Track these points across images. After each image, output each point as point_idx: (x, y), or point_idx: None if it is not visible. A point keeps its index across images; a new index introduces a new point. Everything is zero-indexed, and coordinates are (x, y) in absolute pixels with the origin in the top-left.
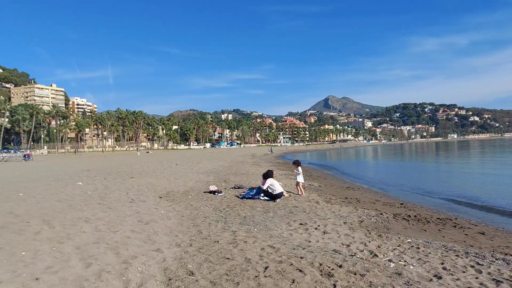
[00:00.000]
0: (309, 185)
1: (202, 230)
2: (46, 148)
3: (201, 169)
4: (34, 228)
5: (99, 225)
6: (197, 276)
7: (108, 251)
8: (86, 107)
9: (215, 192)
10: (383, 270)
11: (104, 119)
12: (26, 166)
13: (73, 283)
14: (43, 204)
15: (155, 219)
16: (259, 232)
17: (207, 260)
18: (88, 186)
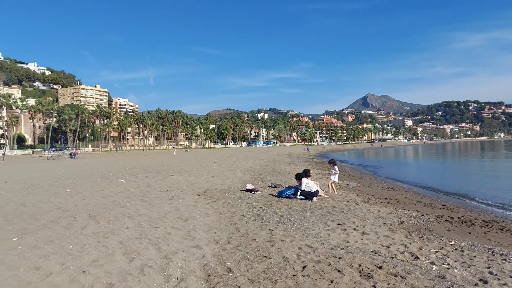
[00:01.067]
0: (347, 184)
1: (240, 228)
2: (91, 146)
3: (238, 168)
4: (81, 223)
5: (141, 221)
6: (236, 273)
7: (150, 247)
8: (128, 107)
9: (252, 190)
10: (425, 273)
11: (145, 119)
12: (72, 163)
13: (117, 277)
14: (89, 200)
15: (194, 216)
16: (296, 231)
17: (245, 257)
18: (131, 184)
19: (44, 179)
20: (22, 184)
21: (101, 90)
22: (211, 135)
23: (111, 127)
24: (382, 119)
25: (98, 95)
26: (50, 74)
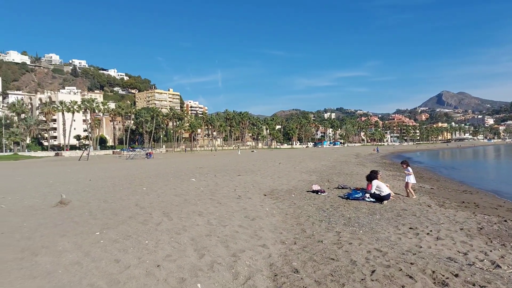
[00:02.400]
0: (419, 187)
1: (306, 229)
2: (164, 147)
3: (303, 168)
4: (156, 220)
5: (210, 219)
6: (302, 274)
7: (219, 244)
8: (198, 109)
9: (318, 191)
10: (507, 283)
11: (214, 120)
12: (148, 163)
13: (189, 272)
14: (163, 198)
15: (260, 215)
16: (365, 234)
17: (311, 259)
18: (201, 183)
19: (123, 177)
20: (104, 182)
21: (173, 93)
22: (277, 135)
23: (182, 129)
24: (459, 118)
25: (171, 98)
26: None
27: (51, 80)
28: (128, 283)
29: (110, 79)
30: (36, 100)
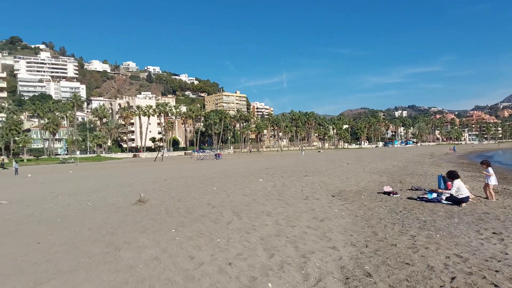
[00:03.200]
0: (503, 189)
1: (378, 231)
2: (232, 148)
3: (373, 169)
4: (226, 218)
5: (279, 219)
6: (375, 278)
7: (288, 244)
8: (264, 111)
9: (390, 193)
10: None
11: (279, 121)
12: (217, 164)
13: (260, 271)
14: (233, 197)
15: (329, 217)
16: (442, 239)
17: (384, 263)
18: (268, 183)
19: (195, 177)
20: (178, 182)
21: (240, 95)
22: (344, 135)
23: (249, 130)
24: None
25: (238, 100)
26: (198, 83)
27: (128, 86)
28: (202, 279)
29: (181, 84)
30: (115, 105)
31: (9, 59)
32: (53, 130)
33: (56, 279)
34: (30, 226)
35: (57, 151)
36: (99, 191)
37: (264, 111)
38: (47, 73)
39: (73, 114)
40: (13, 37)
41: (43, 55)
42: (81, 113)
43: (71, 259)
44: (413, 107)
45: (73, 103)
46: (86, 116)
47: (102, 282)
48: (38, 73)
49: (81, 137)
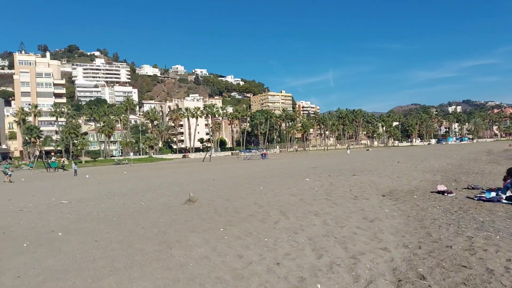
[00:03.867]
0: None
1: (432, 232)
2: (278, 147)
3: (426, 167)
4: (273, 218)
5: (327, 219)
6: (429, 281)
7: (337, 245)
8: (310, 109)
9: (444, 192)
10: None
11: (326, 119)
12: (263, 163)
13: (308, 271)
14: (279, 197)
15: (379, 217)
16: (502, 241)
17: (439, 265)
18: (315, 183)
19: (242, 177)
20: (225, 182)
21: (286, 95)
22: (394, 132)
23: (295, 129)
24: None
25: (283, 99)
26: (244, 84)
27: (177, 89)
28: (251, 278)
29: (227, 85)
30: (166, 108)
31: (68, 66)
32: (108, 133)
33: (112, 276)
34: (88, 225)
35: (112, 153)
36: (151, 191)
37: (310, 110)
38: (102, 78)
39: (126, 117)
40: (71, 45)
41: (98, 61)
42: (133, 116)
43: (126, 257)
44: (468, 101)
45: (126, 106)
46: (138, 119)
47: (155, 279)
48: (93, 79)
49: (134, 139)
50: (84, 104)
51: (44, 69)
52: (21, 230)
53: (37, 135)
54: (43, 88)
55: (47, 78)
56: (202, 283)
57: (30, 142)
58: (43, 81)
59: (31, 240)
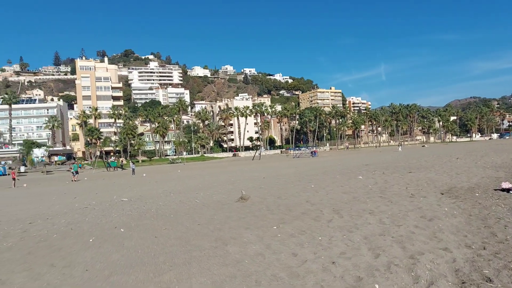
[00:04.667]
0: None
1: (497, 232)
2: (328, 145)
3: (487, 163)
4: (327, 216)
5: (382, 217)
6: (496, 284)
7: (394, 244)
8: (361, 105)
9: (509, 190)
10: None
11: (378, 115)
12: (314, 161)
13: (365, 271)
14: (332, 195)
15: (438, 216)
16: None
17: (506, 267)
18: (368, 180)
19: (292, 175)
20: (276, 180)
21: (335, 91)
22: (451, 127)
23: (345, 126)
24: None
25: (333, 96)
26: (292, 82)
27: (227, 89)
28: (306, 277)
29: (276, 83)
30: (216, 108)
31: (124, 70)
32: (163, 133)
33: (172, 271)
34: (148, 221)
35: (166, 152)
36: (205, 189)
37: (361, 106)
38: (156, 81)
39: (179, 117)
40: (127, 50)
41: (152, 64)
42: (186, 116)
43: (184, 252)
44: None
45: (178, 107)
46: (190, 119)
47: (212, 275)
48: (148, 82)
49: (187, 138)
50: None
51: (103, 74)
52: (87, 226)
53: (98, 136)
54: (102, 92)
55: (106, 82)
56: (258, 280)
57: (91, 143)
58: (102, 85)
59: (96, 235)
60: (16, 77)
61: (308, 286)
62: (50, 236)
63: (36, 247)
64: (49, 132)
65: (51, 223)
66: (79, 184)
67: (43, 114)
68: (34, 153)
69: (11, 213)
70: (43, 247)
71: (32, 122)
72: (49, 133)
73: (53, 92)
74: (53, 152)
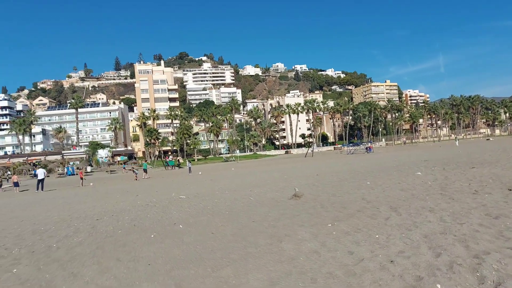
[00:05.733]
0: None
1: None
2: (384, 140)
3: None
4: (383, 214)
5: (443, 215)
6: None
7: (456, 243)
8: (418, 98)
9: None
10: None
11: (437, 108)
12: (369, 157)
13: (426, 270)
14: (388, 192)
15: (505, 213)
16: None
17: None
18: (427, 176)
19: (346, 172)
20: (330, 177)
21: (390, 84)
22: None
23: (402, 120)
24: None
25: (388, 90)
26: (345, 76)
27: (278, 86)
28: (363, 275)
29: (328, 79)
30: (267, 106)
31: (179, 72)
32: (217, 132)
33: (229, 267)
34: (205, 218)
35: (220, 151)
36: (258, 186)
37: (418, 99)
38: (209, 81)
39: (231, 116)
40: (181, 53)
41: (205, 66)
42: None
43: (240, 249)
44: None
45: (231, 107)
46: (243, 117)
47: (268, 271)
48: (202, 83)
49: (239, 137)
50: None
51: (160, 76)
52: (148, 222)
53: (156, 136)
54: (159, 94)
55: (162, 85)
56: (313, 277)
57: (150, 143)
58: (159, 87)
59: (157, 231)
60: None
61: (365, 284)
62: (115, 232)
63: (103, 242)
64: (111, 134)
65: (116, 219)
66: (140, 182)
67: (106, 117)
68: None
69: (80, 210)
70: (109, 242)
71: (97, 125)
72: (112, 135)
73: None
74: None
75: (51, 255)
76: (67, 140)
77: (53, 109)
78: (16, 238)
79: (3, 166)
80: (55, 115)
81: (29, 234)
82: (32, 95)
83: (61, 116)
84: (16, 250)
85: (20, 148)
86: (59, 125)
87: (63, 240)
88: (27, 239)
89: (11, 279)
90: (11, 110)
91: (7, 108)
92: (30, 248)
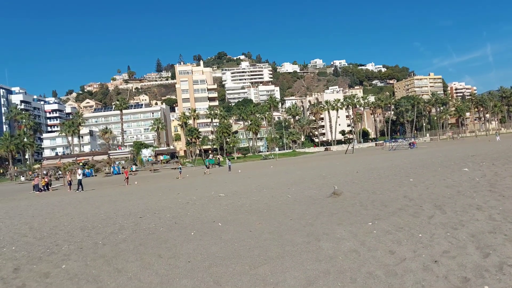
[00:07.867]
0: None
1: None
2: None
3: None
4: (427, 212)
5: (492, 213)
6: None
7: (506, 243)
8: (464, 91)
9: None
10: None
11: (486, 101)
12: (412, 153)
13: (472, 271)
14: (432, 189)
15: None
16: None
17: None
18: (475, 172)
19: (387, 169)
20: (370, 174)
21: (435, 77)
22: None
23: (447, 114)
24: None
25: (432, 83)
26: (386, 70)
27: (316, 83)
28: (405, 276)
29: (368, 73)
30: (306, 103)
31: (218, 72)
32: (255, 130)
33: (266, 264)
34: (243, 216)
35: (259, 149)
36: (296, 184)
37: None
38: (247, 80)
39: (270, 114)
40: (220, 52)
41: (243, 64)
42: (276, 113)
43: (278, 247)
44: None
45: (269, 104)
46: (281, 115)
47: (306, 270)
48: (240, 81)
49: (278, 134)
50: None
51: (199, 77)
52: (189, 220)
53: (197, 135)
54: (199, 94)
55: (202, 84)
56: (353, 277)
57: (191, 142)
58: (199, 87)
59: (197, 229)
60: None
61: (407, 285)
62: (157, 229)
63: (146, 239)
64: (154, 134)
65: (158, 217)
66: (181, 180)
67: (149, 118)
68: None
69: (125, 208)
70: (151, 239)
71: (140, 125)
72: (155, 135)
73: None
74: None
75: (98, 251)
76: (113, 140)
77: (99, 111)
78: (66, 234)
79: (54, 166)
80: (101, 116)
81: (78, 231)
82: (80, 97)
83: (106, 117)
84: (65, 246)
85: (69, 148)
86: (105, 126)
87: (109, 236)
88: (76, 236)
89: (61, 275)
90: (61, 112)
91: (57, 111)
92: (79, 244)
